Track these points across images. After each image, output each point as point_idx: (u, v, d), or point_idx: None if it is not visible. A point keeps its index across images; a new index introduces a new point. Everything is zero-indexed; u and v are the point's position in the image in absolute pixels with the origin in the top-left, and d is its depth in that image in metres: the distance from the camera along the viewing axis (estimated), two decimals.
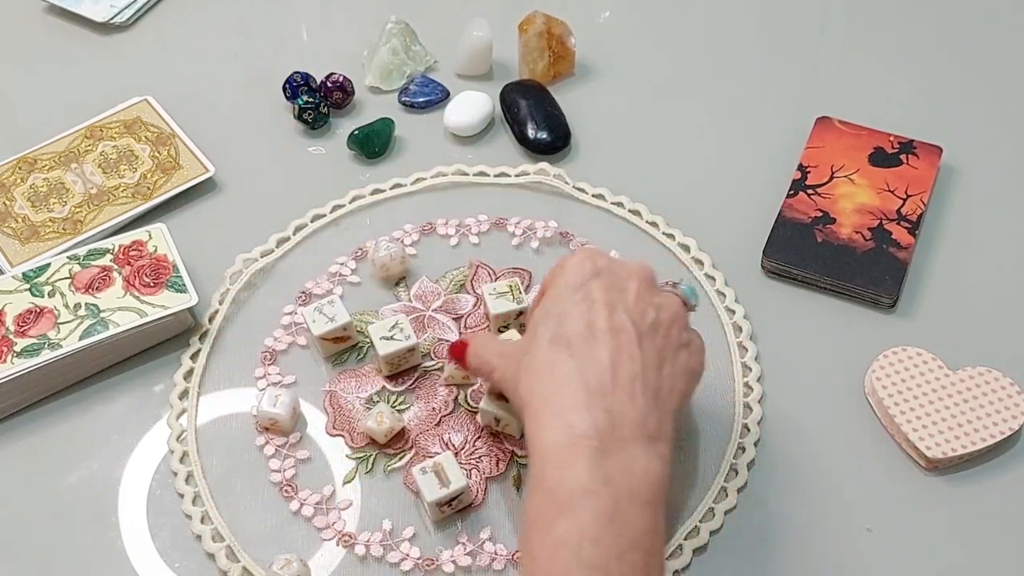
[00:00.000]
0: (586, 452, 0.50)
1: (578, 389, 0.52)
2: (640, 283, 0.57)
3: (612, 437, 0.51)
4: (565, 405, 0.52)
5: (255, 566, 0.62)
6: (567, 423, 0.52)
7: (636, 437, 0.52)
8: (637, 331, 0.55)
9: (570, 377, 0.53)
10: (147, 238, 0.74)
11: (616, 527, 0.49)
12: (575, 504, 0.49)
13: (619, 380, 0.53)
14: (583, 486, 0.50)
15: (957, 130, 0.82)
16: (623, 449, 0.51)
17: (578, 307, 0.55)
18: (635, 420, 0.52)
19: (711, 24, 0.94)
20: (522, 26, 0.87)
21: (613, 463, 0.51)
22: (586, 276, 0.57)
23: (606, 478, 0.50)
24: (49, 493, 0.66)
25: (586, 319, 0.55)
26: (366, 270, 0.76)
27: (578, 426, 0.51)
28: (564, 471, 0.50)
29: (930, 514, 0.63)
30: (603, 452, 0.51)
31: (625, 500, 0.50)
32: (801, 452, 0.66)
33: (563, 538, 0.49)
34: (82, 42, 0.95)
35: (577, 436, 0.51)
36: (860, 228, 0.75)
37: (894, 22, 0.93)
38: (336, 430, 0.68)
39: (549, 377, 0.54)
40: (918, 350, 0.68)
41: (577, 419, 0.51)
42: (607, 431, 0.51)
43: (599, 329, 0.54)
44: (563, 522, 0.49)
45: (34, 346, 0.68)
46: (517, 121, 0.84)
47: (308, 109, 0.84)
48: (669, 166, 0.83)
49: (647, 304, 0.56)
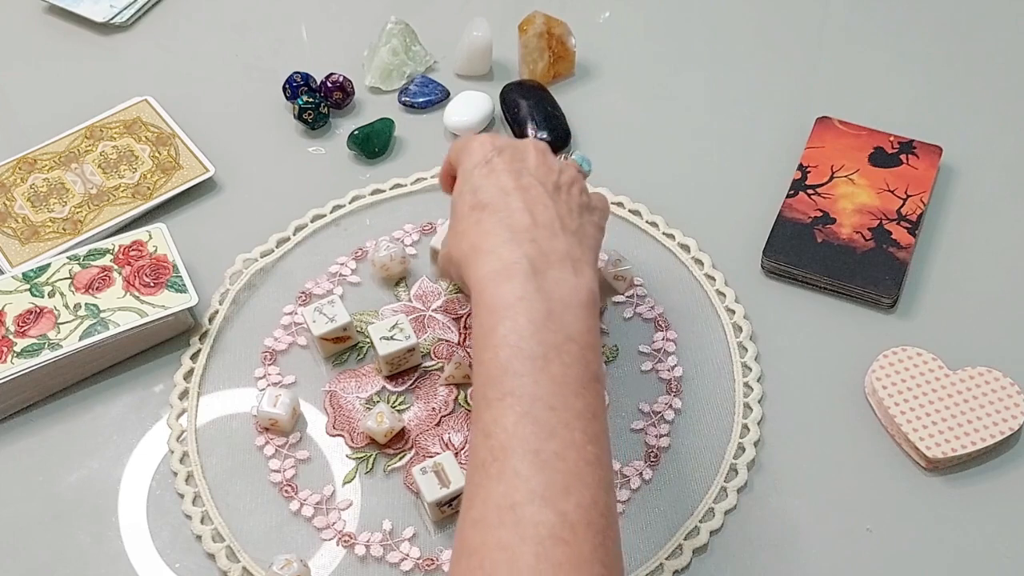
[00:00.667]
0: (519, 271, 0.55)
1: (503, 232, 0.57)
2: (537, 150, 0.62)
3: (541, 260, 0.55)
4: (494, 244, 0.57)
5: (255, 566, 0.62)
6: (498, 256, 0.56)
7: (563, 262, 0.56)
8: (544, 189, 0.59)
9: (494, 226, 0.57)
10: (147, 238, 0.74)
11: (552, 323, 0.53)
12: (513, 308, 0.53)
13: (539, 222, 0.57)
14: (517, 295, 0.54)
15: (957, 130, 0.82)
16: (552, 268, 0.55)
17: (487, 178, 0.60)
18: (560, 250, 0.56)
19: (711, 24, 0.94)
20: (522, 26, 0.87)
21: (544, 278, 0.55)
22: (489, 153, 0.61)
23: (538, 287, 0.54)
24: (49, 493, 0.66)
25: (497, 185, 0.59)
26: (366, 270, 0.76)
27: (509, 256, 0.56)
28: (499, 287, 0.55)
29: (930, 514, 0.63)
30: (534, 271, 0.55)
31: (559, 303, 0.54)
32: (801, 452, 0.66)
33: (503, 337, 0.53)
34: (82, 42, 0.95)
35: (509, 262, 0.55)
36: (860, 228, 0.75)
37: (894, 22, 0.93)
38: (336, 430, 0.68)
39: (475, 231, 0.58)
40: (918, 350, 0.68)
41: (507, 252, 0.56)
42: (536, 257, 0.55)
43: (510, 188, 0.59)
44: (502, 326, 0.53)
45: (34, 346, 0.68)
46: (517, 121, 0.84)
47: (308, 109, 0.84)
48: (669, 166, 0.83)
49: (547, 169, 0.61)
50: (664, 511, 0.64)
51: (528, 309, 0.53)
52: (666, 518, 0.63)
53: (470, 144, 0.63)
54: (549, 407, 0.50)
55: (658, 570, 0.61)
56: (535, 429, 0.50)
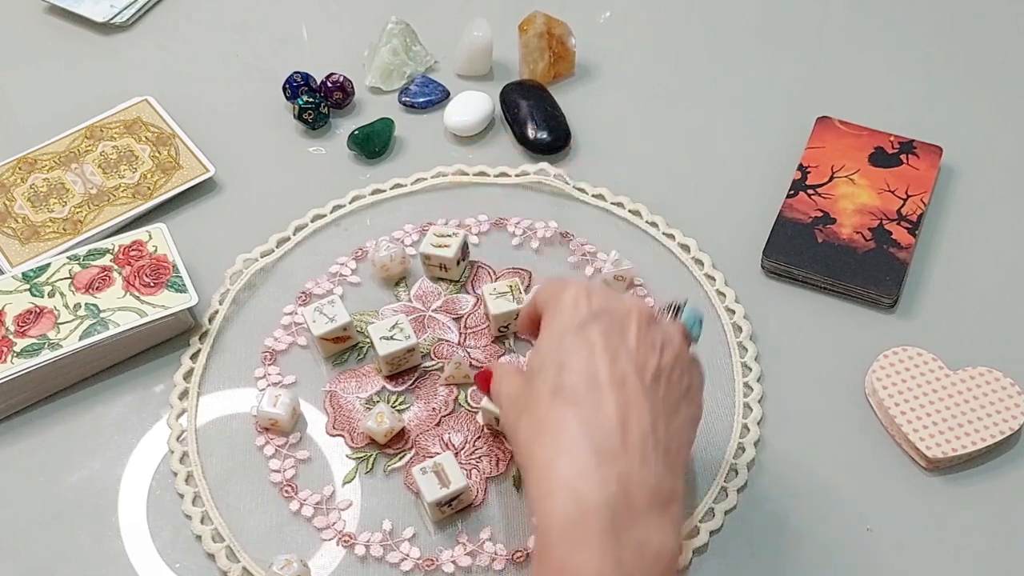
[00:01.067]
0: (597, 528, 0.46)
1: (586, 450, 0.48)
2: (639, 322, 0.53)
3: (625, 508, 0.47)
4: (573, 471, 0.48)
5: (255, 566, 0.62)
6: (575, 492, 0.47)
7: (651, 506, 0.48)
8: (641, 382, 0.50)
9: (576, 437, 0.49)
10: (147, 238, 0.74)
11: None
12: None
13: (629, 440, 0.48)
14: (594, 569, 0.46)
15: (957, 130, 0.82)
16: (637, 523, 0.47)
17: (577, 353, 0.51)
18: (650, 486, 0.48)
19: (711, 24, 0.94)
20: (522, 26, 0.87)
21: (626, 541, 0.46)
22: (584, 318, 0.52)
23: (618, 561, 0.46)
24: (49, 493, 0.66)
25: (587, 369, 0.50)
26: (366, 270, 0.76)
27: (588, 497, 0.47)
28: (573, 552, 0.46)
29: (930, 514, 0.63)
30: (615, 528, 0.46)
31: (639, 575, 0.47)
32: (801, 452, 0.66)
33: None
34: (82, 42, 0.95)
35: (587, 509, 0.47)
36: (860, 228, 0.75)
37: (894, 22, 0.93)
38: (336, 430, 0.68)
39: (553, 437, 0.49)
40: (918, 350, 0.68)
41: (587, 488, 0.47)
42: (620, 501, 0.47)
43: (602, 381, 0.50)
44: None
45: (34, 346, 0.68)
46: (517, 121, 0.84)
47: (308, 109, 0.84)
48: (669, 166, 0.83)
49: (649, 348, 0.52)
50: None
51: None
52: None
53: (562, 296, 0.54)
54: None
55: None
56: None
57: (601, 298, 0.54)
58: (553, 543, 0.47)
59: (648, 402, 0.50)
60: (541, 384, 0.52)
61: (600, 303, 0.53)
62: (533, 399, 0.52)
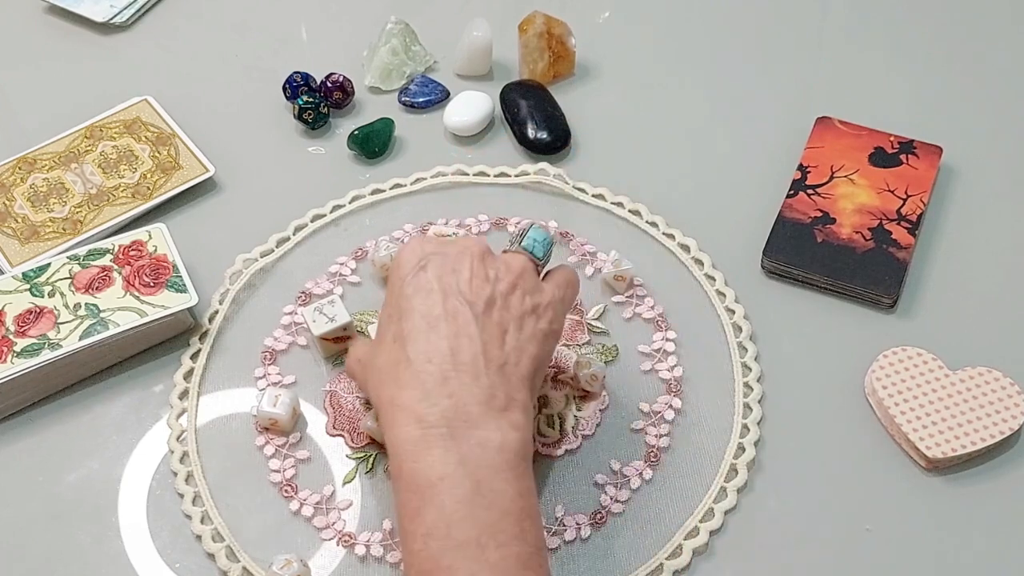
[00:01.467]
0: (437, 440, 0.52)
1: (421, 381, 0.54)
2: (473, 258, 0.58)
3: (459, 420, 0.53)
4: (412, 400, 0.54)
5: (255, 566, 0.62)
6: (415, 415, 0.53)
7: (484, 414, 0.53)
8: (473, 311, 0.56)
9: (413, 372, 0.55)
10: (147, 238, 0.74)
11: (482, 500, 0.51)
12: (435, 490, 0.51)
13: (460, 363, 0.54)
14: (438, 473, 0.51)
15: (957, 130, 0.82)
16: (474, 428, 0.53)
17: (415, 297, 0.57)
18: (481, 399, 0.54)
19: (711, 24, 0.94)
20: (522, 26, 0.87)
21: (465, 444, 0.52)
22: (418, 265, 0.58)
23: (460, 459, 0.52)
24: (49, 493, 0.66)
25: (423, 310, 0.56)
26: (366, 270, 0.76)
27: (426, 417, 0.53)
28: (418, 462, 0.52)
29: (930, 514, 0.63)
30: (453, 436, 0.52)
31: (485, 474, 0.52)
32: (801, 452, 0.66)
33: (431, 526, 0.50)
34: (82, 42, 0.95)
35: (427, 425, 0.53)
36: (860, 228, 0.75)
37: (894, 22, 0.93)
38: (336, 430, 0.68)
39: (393, 377, 0.56)
40: (918, 350, 0.68)
41: (424, 410, 0.53)
42: (454, 416, 0.53)
43: (436, 316, 0.56)
44: (428, 511, 0.51)
45: (34, 346, 0.68)
46: (517, 121, 0.84)
47: (308, 109, 0.84)
48: (669, 166, 0.83)
49: (482, 280, 0.57)
50: (664, 511, 0.64)
51: (452, 488, 0.50)
52: (666, 518, 0.63)
53: (400, 253, 0.59)
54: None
55: (658, 570, 0.61)
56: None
57: (435, 243, 0.59)
58: (404, 459, 0.53)
59: (478, 328, 0.56)
60: (386, 335, 0.58)
61: (433, 247, 0.59)
62: (381, 351, 0.58)
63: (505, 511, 0.51)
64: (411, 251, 0.59)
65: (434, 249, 0.59)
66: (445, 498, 0.51)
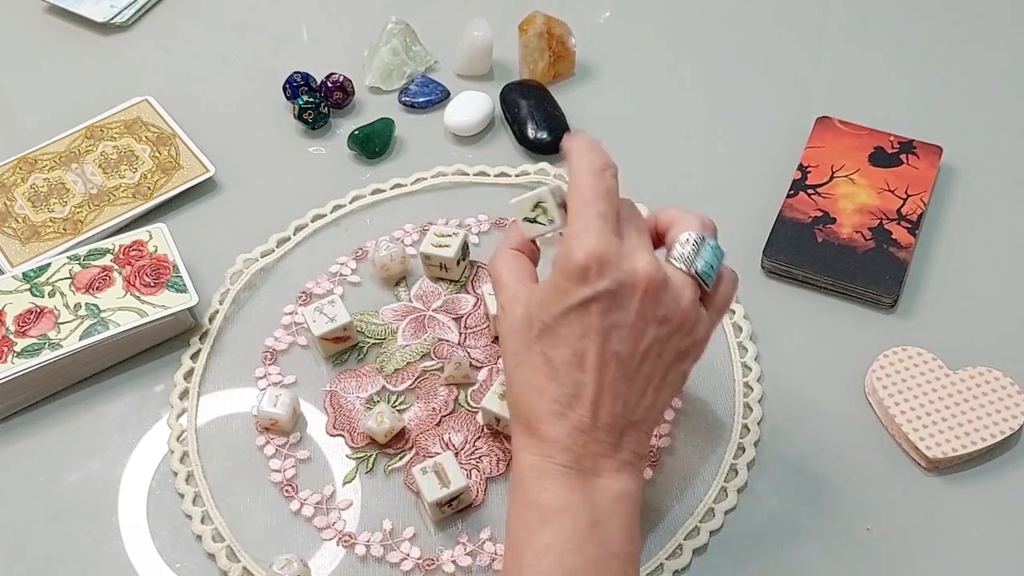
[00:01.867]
0: (563, 475, 0.53)
1: (561, 425, 0.53)
2: (643, 298, 0.53)
3: (587, 466, 0.53)
4: (546, 433, 0.53)
5: (255, 566, 0.62)
6: (547, 451, 0.53)
7: (612, 467, 0.54)
8: (627, 366, 0.53)
9: (554, 408, 0.53)
10: (147, 238, 0.74)
11: (595, 537, 0.52)
12: (557, 516, 0.52)
13: (599, 421, 0.53)
14: (563, 502, 0.52)
15: (957, 130, 0.82)
16: (599, 476, 0.53)
17: (571, 328, 0.53)
18: (611, 454, 0.54)
19: (711, 24, 0.94)
20: (522, 26, 0.87)
21: (589, 485, 0.53)
22: (587, 292, 0.52)
23: (584, 496, 0.52)
24: (49, 493, 0.66)
25: (577, 348, 0.53)
26: (366, 270, 0.76)
27: (556, 455, 0.53)
28: (544, 489, 0.53)
29: (930, 514, 0.63)
30: (580, 476, 0.53)
31: (602, 514, 0.52)
32: (801, 452, 0.66)
33: (548, 544, 0.51)
34: (82, 42, 0.95)
35: (555, 463, 0.53)
36: (860, 228, 0.75)
37: (894, 22, 0.93)
38: (336, 430, 0.68)
39: (534, 401, 0.54)
40: (918, 350, 0.68)
41: (556, 451, 0.53)
42: (582, 462, 0.53)
43: (588, 363, 0.53)
44: (546, 531, 0.52)
45: (34, 346, 0.68)
46: (517, 121, 0.84)
47: (308, 109, 0.84)
48: (669, 166, 0.83)
49: (648, 322, 0.53)
50: (664, 511, 0.64)
51: (572, 518, 0.52)
52: (666, 518, 0.63)
53: (574, 253, 0.53)
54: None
55: (658, 570, 0.61)
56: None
57: (612, 263, 0.52)
58: (529, 481, 0.54)
59: (625, 386, 0.53)
60: (534, 342, 0.54)
61: (610, 269, 0.52)
62: (524, 352, 0.55)
63: (613, 553, 0.52)
64: (587, 258, 0.52)
65: (610, 273, 0.52)
66: (564, 525, 0.52)
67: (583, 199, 0.55)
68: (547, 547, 0.51)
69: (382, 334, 0.72)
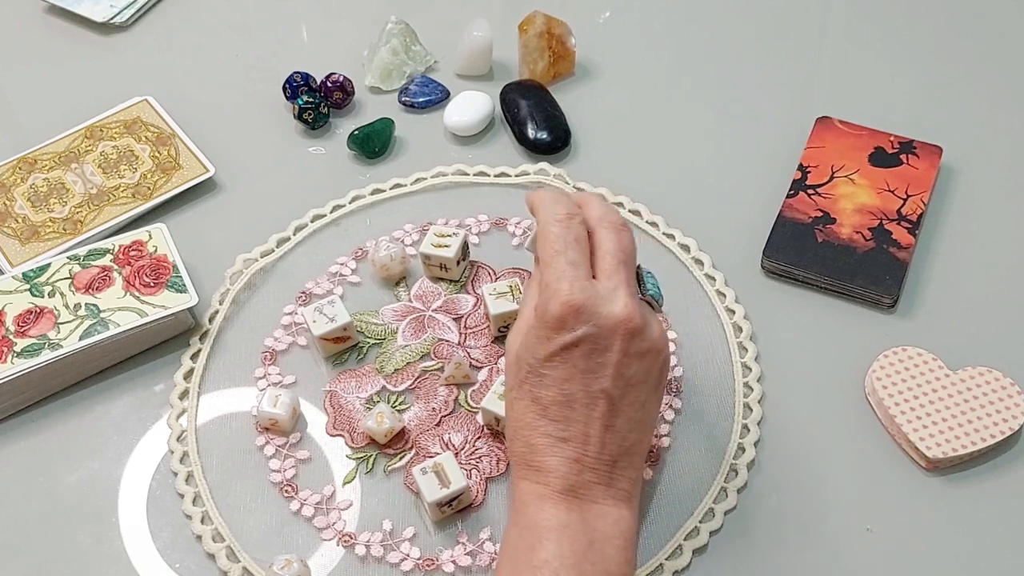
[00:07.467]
0: (562, 501, 0.54)
1: (555, 456, 0.55)
2: (624, 338, 0.55)
3: (584, 494, 0.55)
4: (544, 466, 0.55)
5: (255, 566, 0.62)
6: (545, 480, 0.55)
7: (608, 495, 0.55)
8: (612, 400, 0.55)
9: (547, 442, 0.55)
10: (147, 238, 0.74)
11: (592, 556, 0.53)
12: (555, 534, 0.53)
13: (589, 451, 0.55)
14: (561, 522, 0.54)
15: (957, 130, 0.82)
16: (595, 503, 0.55)
17: (557, 371, 0.55)
18: (607, 483, 0.55)
19: (711, 24, 0.94)
20: (522, 26, 0.87)
21: (587, 509, 0.54)
22: (567, 338, 0.54)
23: (581, 518, 0.54)
24: (49, 493, 0.66)
25: (564, 389, 0.55)
26: (366, 270, 0.76)
27: (554, 484, 0.55)
28: (542, 511, 0.54)
29: (930, 514, 0.63)
30: (577, 502, 0.54)
31: (599, 536, 0.54)
32: (801, 452, 0.66)
33: (545, 561, 0.52)
34: (82, 42, 0.95)
35: (553, 489, 0.55)
36: (860, 228, 0.75)
37: (894, 22, 0.93)
38: (336, 430, 0.68)
39: (528, 435, 0.56)
40: (918, 350, 0.68)
41: (553, 479, 0.55)
42: (578, 491, 0.55)
43: (576, 401, 0.55)
44: (544, 549, 0.53)
45: (34, 346, 0.68)
46: (517, 121, 0.84)
47: (308, 109, 0.84)
48: (669, 166, 0.83)
49: (631, 357, 0.55)
50: (664, 511, 0.64)
51: (570, 537, 0.53)
52: (666, 518, 0.63)
53: (550, 302, 0.54)
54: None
55: (658, 570, 0.61)
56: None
57: (588, 312, 0.54)
58: (528, 504, 0.55)
59: (616, 418, 0.55)
60: (523, 382, 0.56)
61: (587, 317, 0.54)
62: (516, 389, 0.57)
63: (610, 573, 0.53)
64: (563, 309, 0.54)
65: (588, 319, 0.54)
66: (562, 543, 0.53)
67: (553, 248, 0.56)
68: (544, 562, 0.52)
69: (382, 334, 0.72)
